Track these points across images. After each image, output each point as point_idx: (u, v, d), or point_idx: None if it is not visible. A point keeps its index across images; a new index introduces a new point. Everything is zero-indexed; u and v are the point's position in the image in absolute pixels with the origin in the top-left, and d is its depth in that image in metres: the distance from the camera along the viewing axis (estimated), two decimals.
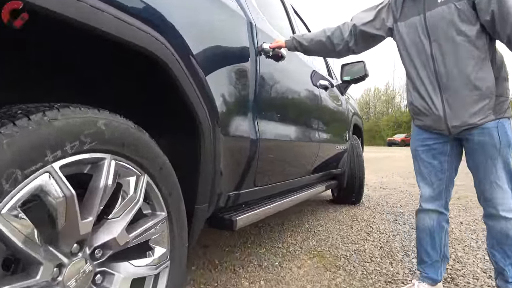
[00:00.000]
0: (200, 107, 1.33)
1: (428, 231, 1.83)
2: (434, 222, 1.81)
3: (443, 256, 1.84)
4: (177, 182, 1.24)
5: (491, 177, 1.58)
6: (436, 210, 1.80)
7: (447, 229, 1.85)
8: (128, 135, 1.02)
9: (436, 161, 1.77)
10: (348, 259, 2.40)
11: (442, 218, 1.81)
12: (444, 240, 1.84)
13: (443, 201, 1.81)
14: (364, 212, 3.93)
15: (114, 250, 1.03)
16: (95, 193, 0.93)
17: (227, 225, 1.78)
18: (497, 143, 1.56)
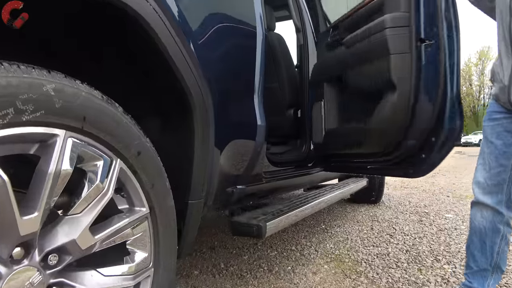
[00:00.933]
0: (194, 84, 1.09)
1: (478, 231, 1.54)
2: (486, 221, 1.51)
3: (494, 265, 1.54)
4: (163, 171, 1.01)
5: None
6: (492, 207, 1.49)
7: (505, 234, 1.52)
8: (91, 107, 0.78)
9: (500, 141, 1.44)
10: (370, 264, 2.13)
11: (498, 218, 1.50)
12: (499, 246, 1.52)
13: (503, 197, 1.47)
14: (385, 212, 3.63)
15: (74, 256, 0.80)
16: (42, 181, 0.70)
17: (254, 232, 1.55)
18: None
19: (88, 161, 0.80)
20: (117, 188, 0.90)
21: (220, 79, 1.28)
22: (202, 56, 1.16)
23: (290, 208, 1.89)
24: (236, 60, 1.39)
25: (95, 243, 0.82)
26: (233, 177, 1.48)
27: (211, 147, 1.21)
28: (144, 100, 1.21)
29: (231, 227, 1.63)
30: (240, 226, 1.59)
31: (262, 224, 1.55)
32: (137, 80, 1.16)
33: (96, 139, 0.81)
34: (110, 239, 0.86)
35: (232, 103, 1.36)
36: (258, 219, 1.62)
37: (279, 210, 1.84)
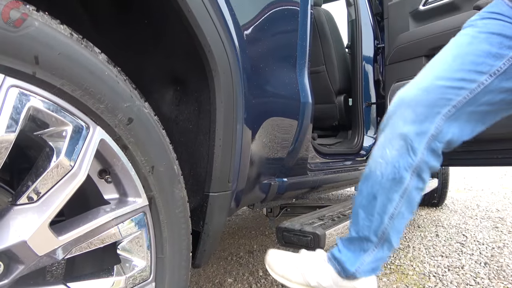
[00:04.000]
0: (216, 41, 0.82)
1: (371, 177, 1.03)
2: (387, 164, 0.99)
3: (382, 235, 1.01)
4: (168, 149, 0.73)
5: None
6: (405, 139, 0.96)
7: (410, 189, 0.98)
8: (49, 43, 0.53)
9: (487, 45, 0.91)
10: (441, 278, 1.74)
11: (407, 161, 0.96)
12: (396, 207, 1.00)
13: (430, 128, 0.94)
14: (451, 217, 3.15)
15: (28, 265, 0.54)
16: None
17: (309, 243, 1.23)
18: None
19: (49, 125, 0.55)
20: (102, 170, 0.65)
21: (253, 39, 0.99)
22: (230, 6, 0.89)
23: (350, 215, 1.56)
24: (275, 16, 1.09)
25: (60, 246, 0.56)
26: (270, 166, 1.18)
27: (240, 125, 0.92)
28: (154, 65, 0.95)
29: (277, 235, 1.31)
30: (290, 234, 1.28)
31: (320, 232, 1.22)
32: (144, 37, 0.90)
33: (59, 94, 0.55)
34: (87, 241, 0.60)
35: (268, 71, 1.07)
36: (313, 226, 1.28)
37: (339, 214, 1.50)
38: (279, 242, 1.32)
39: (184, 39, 0.81)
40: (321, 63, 2.34)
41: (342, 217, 1.44)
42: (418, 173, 0.97)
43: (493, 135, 1.66)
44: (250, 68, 0.98)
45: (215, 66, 0.82)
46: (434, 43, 1.78)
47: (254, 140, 1.04)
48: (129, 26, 0.88)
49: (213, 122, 0.86)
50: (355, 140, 2.15)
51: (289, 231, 1.28)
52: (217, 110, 0.85)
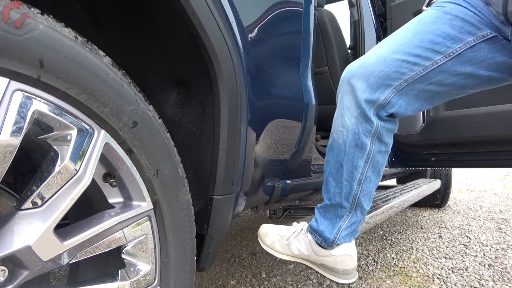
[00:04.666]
0: (219, 41, 0.81)
1: (335, 146, 1.09)
2: (348, 132, 1.04)
3: (353, 201, 1.08)
4: (172, 153, 0.73)
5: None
6: (361, 108, 0.99)
7: (374, 154, 1.03)
8: (54, 46, 0.52)
9: (446, 25, 0.91)
10: (445, 280, 1.73)
11: (365, 127, 1.01)
12: (363, 173, 1.05)
13: (383, 97, 0.97)
14: (454, 218, 3.14)
15: (34, 270, 0.54)
16: None
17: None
18: None
19: (53, 129, 0.54)
20: (106, 173, 0.64)
21: (257, 41, 0.99)
22: (234, 8, 0.88)
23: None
24: (279, 17, 1.09)
25: (65, 251, 0.56)
26: (274, 168, 1.18)
27: (244, 127, 0.92)
28: (158, 67, 0.95)
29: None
30: None
31: None
32: (147, 39, 0.90)
33: (64, 97, 0.54)
34: (92, 246, 0.60)
35: (272, 73, 1.07)
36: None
37: None
38: None
39: (188, 41, 0.80)
40: (323, 64, 2.33)
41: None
42: (378, 138, 1.02)
43: (497, 136, 1.65)
44: (254, 70, 0.97)
45: (219, 69, 0.82)
46: None
47: (258, 142, 1.03)
48: (132, 28, 0.87)
49: (217, 125, 0.86)
50: None
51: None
52: (221, 113, 0.85)
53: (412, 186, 2.58)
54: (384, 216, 1.72)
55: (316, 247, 1.12)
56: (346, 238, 1.10)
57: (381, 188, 2.96)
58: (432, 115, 1.83)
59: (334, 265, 1.11)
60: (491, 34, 0.89)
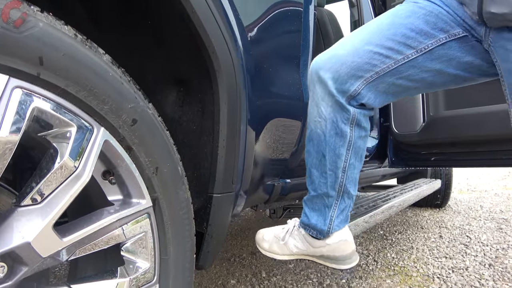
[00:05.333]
0: (219, 40, 0.81)
1: (315, 136, 1.08)
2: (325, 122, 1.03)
3: (340, 188, 1.08)
4: (172, 150, 0.73)
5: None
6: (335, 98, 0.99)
7: (354, 140, 1.03)
8: (53, 44, 0.52)
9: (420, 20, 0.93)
10: (445, 280, 1.73)
11: (342, 116, 1.01)
12: (346, 160, 1.05)
13: (350, 87, 0.98)
14: (454, 218, 3.14)
15: (33, 267, 0.54)
16: None
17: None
18: None
19: (53, 126, 0.54)
20: (106, 171, 0.64)
21: (256, 40, 0.99)
22: (234, 7, 0.89)
23: (358, 213, 1.55)
24: (279, 16, 1.09)
25: (65, 247, 0.56)
26: (274, 167, 1.18)
27: (244, 125, 0.92)
28: (157, 66, 0.95)
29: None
30: None
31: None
32: (147, 37, 0.90)
33: (64, 95, 0.55)
34: (91, 243, 0.60)
35: (272, 72, 1.07)
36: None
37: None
38: None
39: (188, 40, 0.81)
40: None
41: (354, 215, 1.47)
42: (357, 124, 1.02)
43: (497, 136, 1.65)
44: (254, 69, 0.97)
45: (218, 67, 0.82)
46: None
47: (257, 141, 1.03)
48: (132, 27, 0.88)
49: (217, 123, 0.86)
50: None
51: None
52: (221, 111, 0.85)
53: (412, 186, 2.58)
54: (384, 215, 1.73)
55: (311, 239, 1.13)
56: (340, 225, 1.11)
57: (381, 187, 2.97)
58: (432, 114, 1.83)
59: (332, 253, 1.11)
60: (462, 34, 0.90)
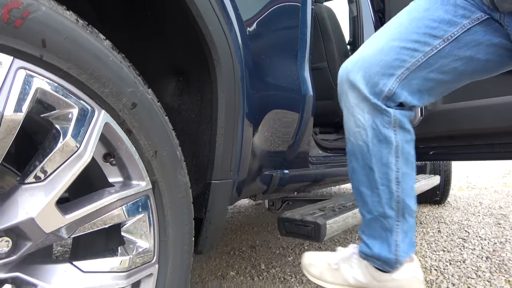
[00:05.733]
0: (217, 29, 0.83)
1: (357, 150, 0.98)
2: (366, 132, 0.95)
3: (397, 204, 0.95)
4: (171, 135, 0.75)
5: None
6: (372, 102, 0.92)
7: (402, 145, 0.94)
8: (56, 28, 0.55)
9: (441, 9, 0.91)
10: (443, 272, 1.75)
11: (383, 119, 0.93)
12: (397, 169, 0.95)
13: (392, 84, 0.92)
14: (454, 214, 3.16)
15: (36, 242, 0.56)
16: None
17: (310, 233, 1.22)
18: None
19: (55, 107, 0.56)
20: (107, 153, 0.66)
21: (254, 29, 1.01)
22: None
23: (356, 205, 1.54)
24: (277, 9, 1.11)
25: (67, 224, 0.58)
26: (272, 158, 1.20)
27: (241, 115, 0.94)
28: (157, 56, 0.97)
29: (279, 226, 1.31)
30: (292, 224, 1.27)
31: (321, 221, 1.20)
32: (146, 27, 0.92)
33: (66, 77, 0.57)
34: (91, 221, 0.62)
35: (269, 63, 1.09)
36: (314, 216, 1.27)
37: (340, 206, 1.48)
38: (280, 233, 1.32)
39: (187, 31, 0.83)
40: (323, 60, 2.35)
41: (343, 208, 1.44)
42: (400, 126, 0.94)
43: (494, 129, 1.67)
44: (252, 59, 1.00)
45: (216, 56, 0.84)
46: None
47: (255, 132, 1.05)
48: (131, 16, 0.90)
49: (215, 111, 0.88)
50: None
51: (290, 221, 1.28)
52: (219, 100, 0.87)
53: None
54: None
55: (375, 272, 0.99)
56: (408, 252, 0.97)
57: None
58: (429, 108, 1.85)
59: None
60: (484, 17, 0.88)
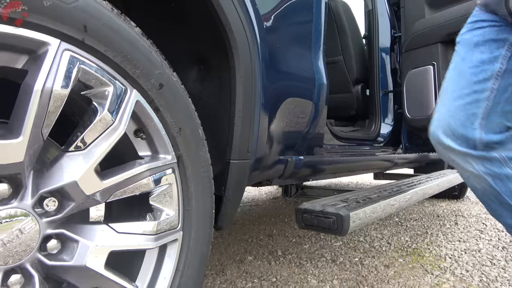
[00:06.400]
0: (236, 20, 0.90)
1: (489, 193, 0.98)
2: (485, 179, 0.96)
3: None
4: (194, 115, 0.82)
5: None
6: (475, 155, 0.95)
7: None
8: (95, 16, 0.62)
9: (478, 54, 0.93)
10: (457, 260, 1.77)
11: (492, 164, 0.94)
12: None
13: (477, 133, 0.94)
14: (472, 208, 3.14)
15: (78, 203, 0.64)
16: (28, 98, 0.55)
17: (331, 226, 1.14)
18: None
19: (94, 86, 0.64)
20: (137, 129, 0.74)
21: (270, 17, 1.08)
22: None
23: (381, 197, 1.43)
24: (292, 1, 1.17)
25: (104, 189, 0.66)
26: (287, 143, 1.26)
27: (258, 99, 1.01)
28: (180, 46, 1.05)
29: (297, 218, 1.24)
30: (311, 216, 1.19)
31: (344, 212, 1.12)
32: (170, 19, 1.00)
33: (103, 58, 0.65)
34: (124, 188, 0.70)
35: (284, 51, 1.15)
36: (336, 207, 1.19)
37: (365, 197, 1.41)
38: (299, 225, 1.26)
39: (208, 20, 0.90)
40: (338, 53, 2.40)
41: (368, 200, 1.38)
42: (511, 158, 0.95)
43: None
44: (268, 48, 1.06)
45: (235, 44, 0.91)
46: (449, 28, 1.81)
47: (271, 117, 1.12)
48: (155, 9, 0.97)
49: (233, 96, 0.95)
50: (372, 127, 2.20)
51: (310, 212, 1.20)
52: (237, 86, 0.94)
53: (438, 176, 2.56)
54: (409, 202, 1.66)
55: None
56: None
57: (401, 176, 2.98)
58: None
59: None
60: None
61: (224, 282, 1.51)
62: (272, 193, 4.06)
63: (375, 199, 1.40)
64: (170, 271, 0.78)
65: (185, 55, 1.04)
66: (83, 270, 0.65)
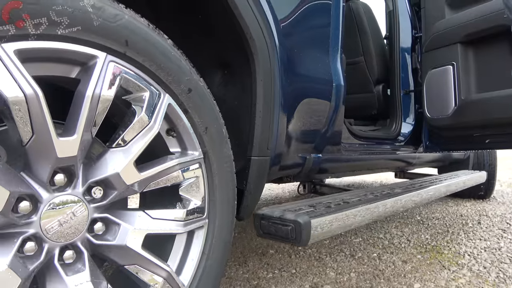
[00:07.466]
0: (256, 28, 0.99)
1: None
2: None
3: None
4: (218, 115, 0.92)
5: None
6: None
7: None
8: (135, 32, 0.73)
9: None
10: (476, 257, 1.80)
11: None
12: None
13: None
14: (497, 208, 3.10)
15: (120, 191, 0.75)
16: (80, 103, 0.66)
17: (288, 233, 1.03)
18: None
19: (133, 91, 0.75)
20: (168, 129, 0.85)
21: (288, 25, 1.16)
22: None
23: (362, 201, 1.33)
24: (310, 4, 1.25)
25: (141, 180, 0.77)
26: (306, 141, 1.34)
27: (277, 101, 1.09)
28: (207, 53, 1.15)
29: (254, 224, 1.13)
30: (269, 223, 1.07)
31: (303, 220, 1.00)
32: (198, 30, 1.10)
33: (141, 68, 0.75)
34: (158, 179, 0.80)
35: (302, 55, 1.23)
36: (297, 213, 1.06)
37: (341, 201, 1.30)
38: (257, 233, 1.12)
39: (231, 29, 0.99)
40: (359, 54, 2.44)
41: (343, 204, 1.26)
42: None
43: None
44: (286, 51, 1.14)
45: (255, 50, 1.00)
46: (469, 29, 1.83)
47: (290, 117, 1.20)
48: (184, 22, 1.08)
49: (254, 98, 1.04)
50: (393, 127, 2.23)
51: (267, 218, 1.08)
52: (258, 88, 1.03)
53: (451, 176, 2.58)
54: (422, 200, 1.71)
55: None
56: None
57: (423, 175, 2.99)
58: (463, 98, 1.89)
59: None
60: None
61: (246, 272, 1.61)
62: (295, 191, 4.13)
63: (353, 203, 1.26)
64: (197, 254, 0.88)
65: (211, 62, 1.14)
66: (123, 249, 0.76)
